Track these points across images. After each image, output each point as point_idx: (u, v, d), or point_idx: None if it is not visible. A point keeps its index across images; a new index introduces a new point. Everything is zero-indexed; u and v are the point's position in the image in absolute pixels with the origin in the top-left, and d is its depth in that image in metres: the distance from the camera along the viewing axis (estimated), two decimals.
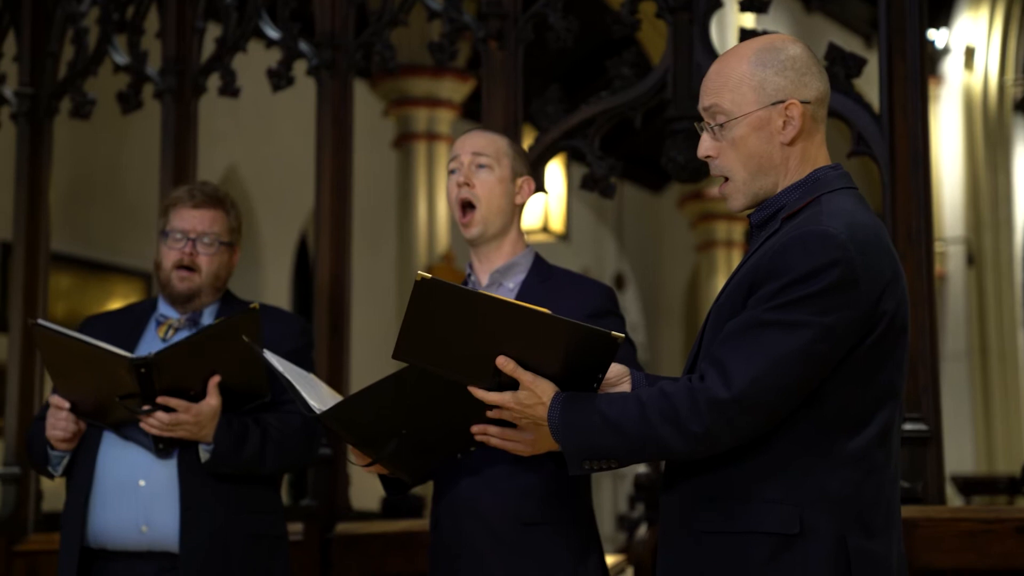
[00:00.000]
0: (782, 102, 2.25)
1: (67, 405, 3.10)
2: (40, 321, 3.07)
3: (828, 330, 2.12)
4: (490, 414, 2.34)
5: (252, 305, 3.05)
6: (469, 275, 3.03)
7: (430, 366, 2.33)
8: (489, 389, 2.29)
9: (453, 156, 2.99)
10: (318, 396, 2.74)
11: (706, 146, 2.30)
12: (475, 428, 2.44)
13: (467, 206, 2.95)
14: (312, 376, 2.92)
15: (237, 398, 3.10)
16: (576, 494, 2.86)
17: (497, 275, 2.97)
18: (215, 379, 3.04)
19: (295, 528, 4.40)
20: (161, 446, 3.09)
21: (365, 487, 4.36)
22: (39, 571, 4.79)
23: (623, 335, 2.24)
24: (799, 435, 2.16)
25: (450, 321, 2.24)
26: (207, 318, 3.30)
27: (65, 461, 3.19)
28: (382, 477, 2.87)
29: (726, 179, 2.30)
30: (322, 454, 4.48)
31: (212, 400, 3.04)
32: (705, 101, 2.29)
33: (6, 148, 5.36)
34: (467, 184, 2.94)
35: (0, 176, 6.11)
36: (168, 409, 3.01)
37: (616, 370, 2.33)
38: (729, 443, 2.15)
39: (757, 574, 2.14)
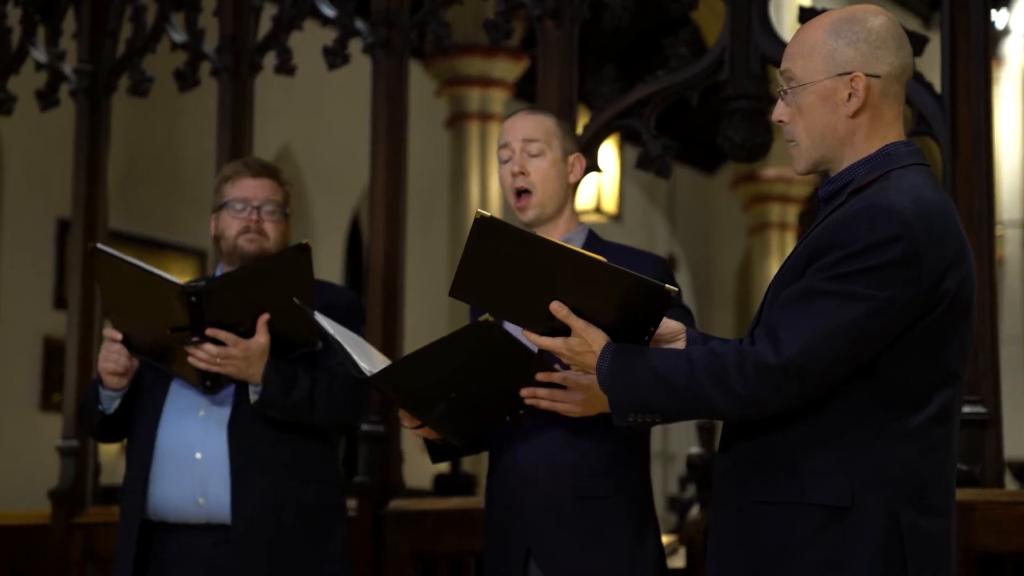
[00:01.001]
0: (848, 74, 2.23)
1: (120, 337, 3.12)
2: (100, 245, 3.09)
3: (884, 304, 2.10)
4: (542, 344, 2.33)
5: (304, 241, 3.06)
6: None
7: (485, 306, 2.35)
8: (542, 334, 2.31)
9: (503, 143, 2.99)
10: (369, 359, 2.76)
11: (779, 111, 2.30)
12: (525, 391, 2.45)
13: (522, 192, 2.96)
14: (363, 340, 2.93)
15: (286, 345, 3.11)
16: (632, 468, 2.86)
17: None
18: (264, 317, 3.06)
19: (349, 504, 4.42)
20: (208, 383, 3.11)
21: (418, 465, 4.38)
22: (96, 543, 4.85)
23: (676, 288, 2.26)
24: (854, 408, 2.16)
25: (507, 262, 2.25)
26: None
27: (117, 403, 3.20)
28: (428, 443, 2.88)
29: (791, 142, 2.30)
30: (375, 431, 4.51)
31: (261, 337, 3.05)
32: (783, 65, 2.30)
33: (65, 125, 5.40)
34: (522, 173, 2.94)
35: (59, 153, 6.17)
36: (217, 343, 3.02)
37: (672, 326, 2.36)
38: (774, 409, 2.15)
39: (804, 546, 2.13)
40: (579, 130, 4.37)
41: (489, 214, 2.23)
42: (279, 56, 4.95)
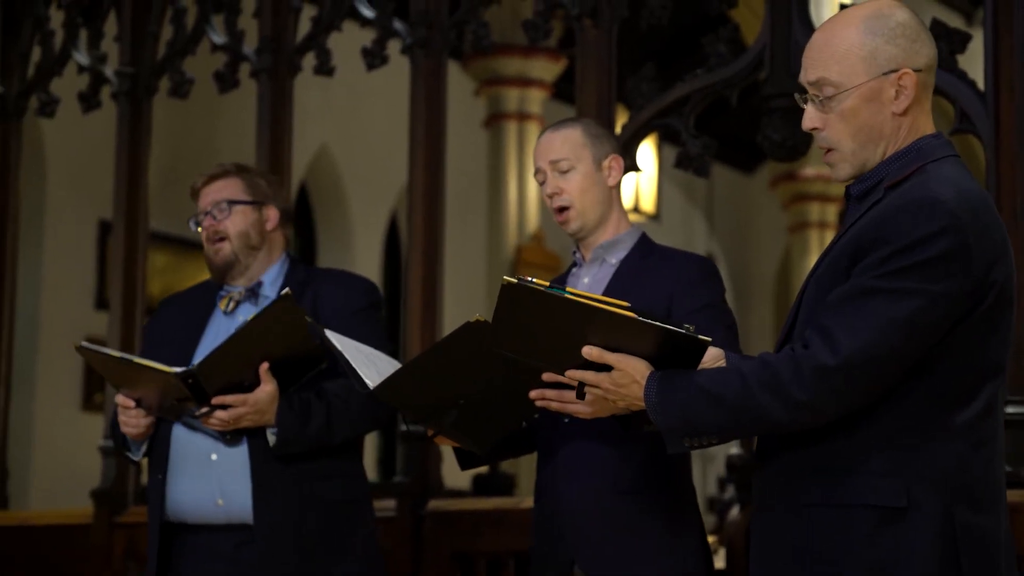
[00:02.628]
0: (895, 71, 2.19)
1: (132, 404, 3.12)
2: (84, 344, 3.11)
3: (937, 299, 2.07)
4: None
5: (284, 292, 3.01)
6: (574, 252, 3.03)
7: (520, 358, 2.34)
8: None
9: (536, 168, 3.00)
10: (376, 371, 2.75)
11: (811, 117, 2.24)
12: (533, 393, 2.44)
13: (562, 208, 2.96)
14: (374, 351, 2.92)
15: (294, 370, 3.10)
16: (673, 465, 2.85)
17: (600, 251, 2.97)
18: (264, 366, 3.04)
19: (388, 504, 4.44)
20: (228, 437, 3.11)
21: (456, 465, 4.38)
22: (139, 542, 4.87)
23: (710, 339, 2.22)
24: (906, 406, 2.13)
25: (537, 320, 2.25)
26: (268, 288, 3.29)
27: (144, 446, 3.22)
28: (455, 450, 2.88)
29: (828, 150, 2.25)
30: (414, 431, 4.51)
31: (267, 386, 3.04)
32: (811, 75, 2.22)
33: (107, 127, 5.44)
34: (557, 193, 2.94)
35: (100, 155, 6.21)
36: (226, 406, 3.03)
37: (712, 353, 2.30)
38: (834, 412, 2.12)
39: (862, 547, 2.11)
40: (617, 129, 4.36)
41: (516, 280, 2.22)
42: (318, 57, 4.96)
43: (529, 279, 2.30)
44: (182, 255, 8.80)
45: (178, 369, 3.00)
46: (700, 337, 2.20)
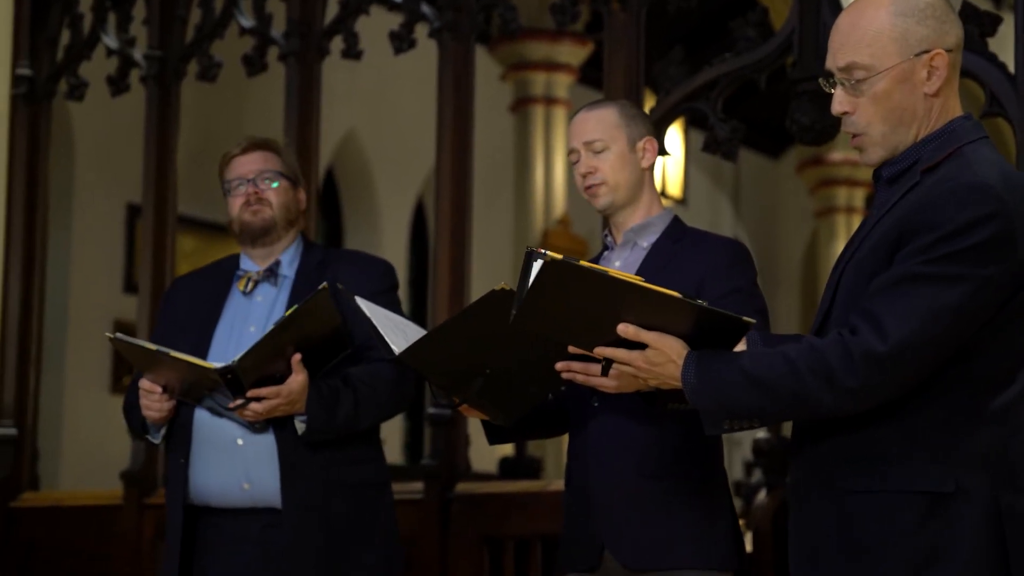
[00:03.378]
0: (926, 52, 2.17)
1: (159, 389, 3.12)
2: (118, 335, 3.10)
3: (985, 284, 2.07)
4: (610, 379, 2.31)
5: (321, 286, 3.02)
6: (605, 235, 3.03)
7: (546, 334, 2.34)
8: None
9: (569, 148, 2.99)
10: (404, 338, 2.75)
11: (841, 101, 2.21)
12: (559, 365, 2.43)
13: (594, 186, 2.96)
14: (405, 320, 2.93)
15: (322, 356, 3.11)
16: (705, 449, 2.84)
17: (631, 234, 2.96)
18: (297, 356, 3.04)
19: (415, 487, 4.46)
20: (258, 426, 3.13)
21: (483, 449, 4.39)
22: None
23: (754, 320, 2.21)
24: (949, 391, 2.12)
25: (572, 297, 2.23)
26: (286, 268, 3.29)
27: (164, 429, 3.22)
28: (484, 424, 2.88)
29: (856, 134, 2.23)
30: (441, 415, 4.53)
31: (299, 376, 3.05)
32: (840, 60, 2.20)
33: (135, 111, 5.46)
34: (590, 172, 2.94)
35: (129, 139, 6.24)
36: (259, 398, 3.04)
37: None
38: (881, 398, 2.10)
39: (908, 534, 2.10)
40: None
41: (559, 257, 2.19)
42: (346, 41, 4.97)
43: (566, 258, 2.31)
44: (210, 239, 8.83)
45: (218, 365, 3.01)
46: (744, 319, 2.20)
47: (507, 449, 7.87)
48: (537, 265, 2.42)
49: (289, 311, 3.01)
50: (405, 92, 9.42)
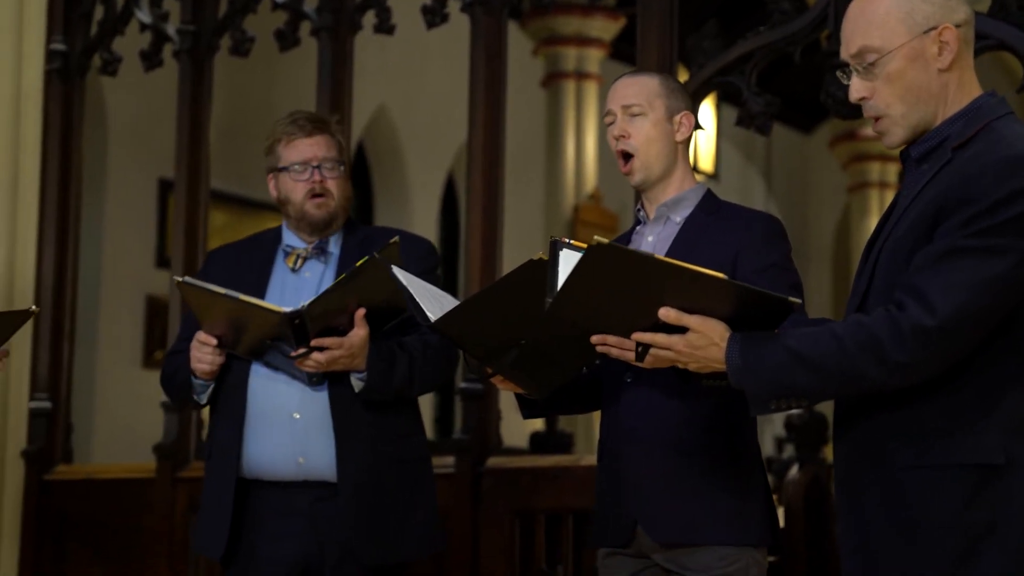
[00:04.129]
0: (934, 28, 2.21)
1: (214, 341, 3.14)
2: (186, 278, 3.10)
3: None
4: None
5: (392, 240, 3.05)
6: (638, 210, 3.01)
7: (582, 322, 2.34)
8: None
9: (606, 110, 2.98)
10: (440, 307, 2.76)
11: (858, 88, 2.26)
12: (594, 338, 2.43)
13: (626, 156, 2.94)
14: (441, 292, 2.93)
15: (379, 318, 3.13)
16: (738, 426, 2.83)
17: (664, 209, 2.94)
18: (361, 311, 3.07)
19: (447, 461, 4.47)
20: (315, 379, 3.15)
21: (515, 423, 4.40)
22: (200, 496, 4.92)
23: (800, 300, 2.22)
24: (995, 362, 2.14)
25: (616, 283, 2.22)
26: (333, 246, 3.32)
27: (210, 389, 3.24)
28: (518, 397, 2.89)
29: (877, 118, 2.26)
30: (473, 389, 4.54)
31: (361, 331, 3.08)
32: (851, 47, 2.25)
33: (168, 86, 5.47)
34: (623, 136, 2.92)
35: (162, 113, 6.25)
36: (322, 348, 3.06)
37: None
38: (931, 372, 2.12)
39: (961, 507, 2.11)
40: None
41: (607, 241, 2.19)
42: (378, 15, 4.96)
43: (568, 240, 2.32)
44: (241, 213, 8.87)
45: (287, 309, 3.02)
46: (790, 299, 2.20)
47: (538, 424, 7.88)
48: (565, 254, 2.42)
49: (360, 262, 3.01)
50: (435, 67, 9.42)
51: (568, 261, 2.47)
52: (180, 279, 3.10)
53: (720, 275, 2.20)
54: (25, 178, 5.59)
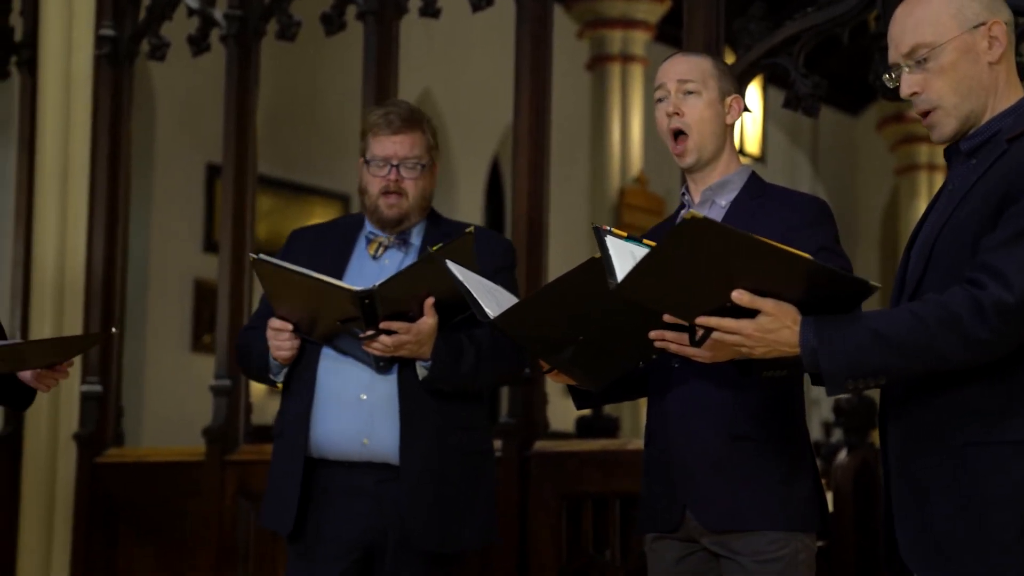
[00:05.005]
0: (983, 24, 2.30)
1: (290, 327, 3.18)
2: (261, 256, 3.12)
3: None
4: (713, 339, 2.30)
5: (468, 229, 3.07)
6: (683, 193, 2.99)
7: (647, 303, 2.33)
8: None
9: (658, 84, 2.94)
10: (497, 304, 2.76)
11: (910, 83, 2.32)
12: (653, 334, 2.42)
13: (678, 134, 2.91)
14: (496, 286, 2.93)
15: (448, 310, 3.15)
16: (786, 411, 2.82)
17: (709, 192, 2.93)
18: (431, 300, 3.08)
19: (494, 445, 4.47)
20: (382, 364, 3.17)
21: (561, 408, 4.40)
22: (249, 480, 4.98)
23: (879, 285, 2.23)
24: None
25: (696, 261, 2.21)
26: (415, 237, 3.35)
27: (285, 370, 3.28)
28: (571, 389, 2.89)
29: (926, 113, 2.33)
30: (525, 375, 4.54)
31: (429, 319, 3.09)
32: (903, 47, 2.32)
33: (216, 70, 5.50)
34: (676, 113, 2.89)
35: (209, 98, 6.28)
36: (390, 332, 3.07)
37: None
38: (1010, 347, 2.16)
39: None
40: None
41: (702, 215, 2.18)
42: None
43: (608, 228, 2.33)
44: (287, 198, 8.91)
45: (358, 288, 3.04)
46: (871, 283, 2.21)
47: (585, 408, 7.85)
48: (612, 241, 2.42)
49: (434, 247, 3.02)
50: (480, 52, 9.40)
51: (617, 248, 2.47)
52: (255, 256, 3.12)
53: (807, 256, 2.21)
54: (75, 164, 5.64)
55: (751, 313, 2.23)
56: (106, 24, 5.65)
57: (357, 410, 3.18)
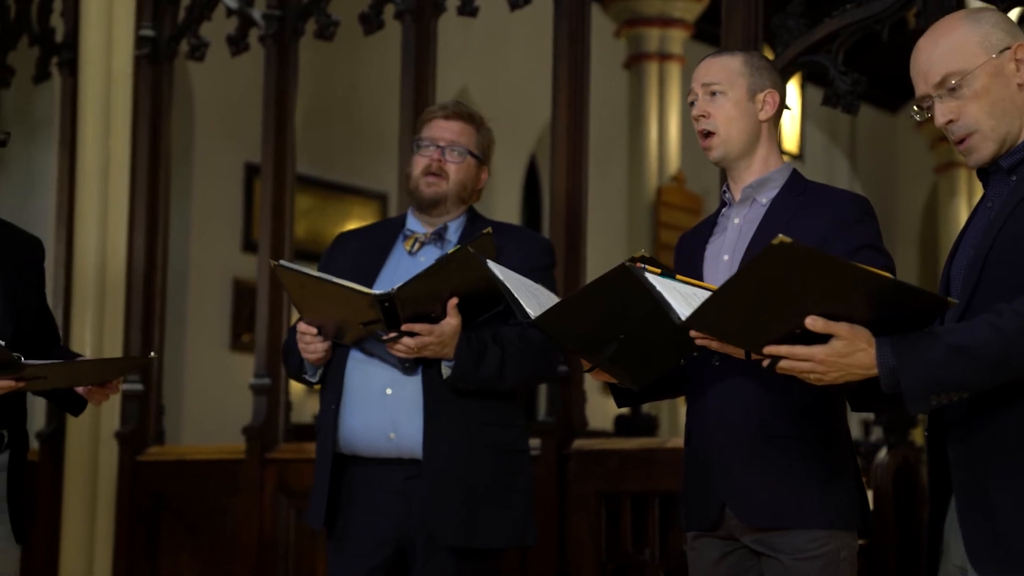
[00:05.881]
0: (1008, 48, 2.36)
1: (314, 331, 3.21)
2: (282, 262, 3.15)
3: None
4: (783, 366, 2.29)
5: (486, 230, 3.09)
6: (724, 191, 2.99)
7: (717, 335, 2.33)
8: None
9: (690, 90, 2.98)
10: (538, 303, 2.77)
11: (944, 111, 2.37)
12: (694, 332, 2.42)
13: (707, 135, 2.92)
14: (536, 285, 2.94)
15: (474, 309, 3.16)
16: (826, 409, 2.80)
17: (750, 190, 2.92)
18: (454, 301, 3.10)
19: (532, 443, 4.46)
20: (407, 364, 3.19)
21: (599, 406, 4.40)
22: (289, 478, 5.00)
23: (955, 301, 2.23)
24: None
25: (776, 286, 2.18)
26: (452, 233, 3.37)
27: (321, 371, 3.32)
28: (612, 387, 2.89)
29: (963, 139, 2.37)
30: (559, 371, 4.54)
31: (452, 320, 3.11)
32: (932, 78, 2.38)
33: (254, 70, 5.52)
34: (703, 116, 2.91)
35: (249, 98, 6.31)
36: (412, 333, 3.09)
37: None
38: None
39: None
40: None
41: (790, 240, 2.13)
42: None
43: (640, 264, 2.36)
44: (325, 197, 8.93)
45: (378, 291, 3.07)
46: (949, 300, 2.21)
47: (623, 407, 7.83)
48: (653, 278, 2.41)
49: (452, 250, 3.05)
50: (517, 50, 9.40)
51: (664, 286, 2.46)
52: (275, 262, 3.16)
53: (890, 276, 2.20)
54: (116, 164, 5.68)
55: (821, 338, 2.22)
56: (146, 25, 5.68)
57: (382, 405, 3.21)
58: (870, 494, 4.28)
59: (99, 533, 5.54)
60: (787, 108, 4.11)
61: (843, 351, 2.22)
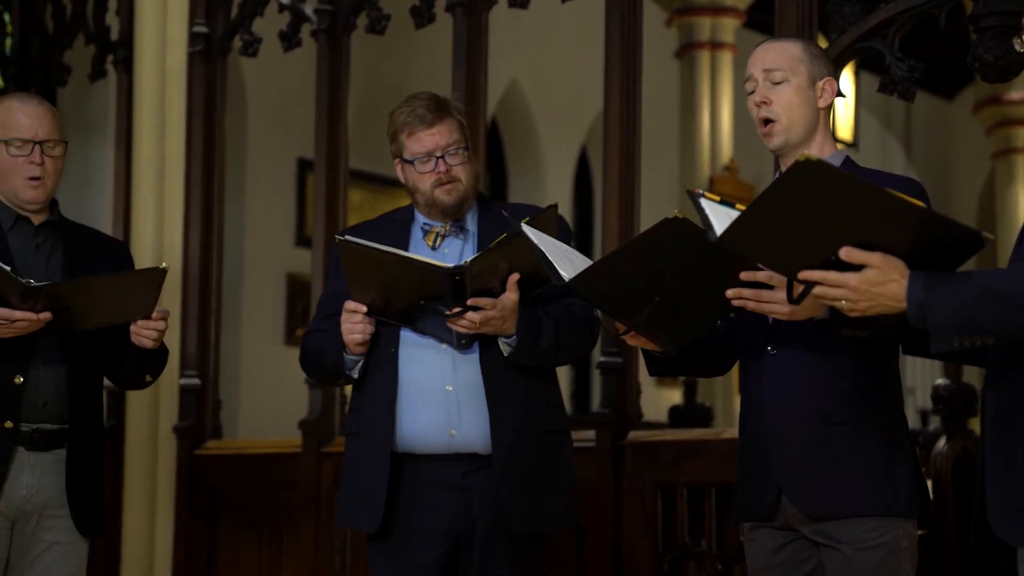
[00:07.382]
0: None
1: (364, 309, 3.17)
2: (348, 237, 3.12)
3: None
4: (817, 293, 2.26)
5: (551, 204, 3.08)
6: (776, 176, 2.97)
7: (751, 254, 2.30)
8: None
9: (747, 76, 2.93)
10: (572, 266, 2.76)
11: None
12: (730, 292, 2.41)
13: (767, 122, 2.89)
14: (570, 248, 2.93)
15: (526, 285, 3.15)
16: (882, 395, 2.78)
17: None
18: (515, 276, 3.10)
19: (587, 435, 4.47)
20: (463, 341, 3.18)
21: (653, 398, 4.38)
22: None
23: (992, 236, 2.19)
24: None
25: (808, 207, 2.17)
26: (469, 223, 3.34)
27: (361, 364, 3.27)
28: (645, 354, 2.88)
29: None
30: (613, 363, 4.53)
31: (513, 294, 3.11)
32: None
33: (307, 65, 5.54)
34: (764, 103, 2.88)
35: (302, 93, 6.34)
36: (475, 308, 3.09)
37: None
38: None
39: None
40: None
41: (816, 157, 2.13)
42: None
43: (702, 191, 2.31)
44: (378, 191, 8.95)
45: (450, 264, 3.07)
46: (984, 234, 2.17)
47: (677, 397, 7.82)
48: (708, 203, 2.39)
49: (524, 220, 3.01)
50: (567, 41, 9.38)
51: (712, 209, 2.45)
52: (340, 237, 3.13)
53: (922, 204, 2.16)
54: (171, 160, 5.73)
55: (854, 267, 2.19)
56: (199, 21, 5.72)
57: (444, 402, 3.19)
58: (929, 483, 4.24)
59: (159, 527, 5.59)
60: (841, 95, 4.08)
61: (876, 279, 2.19)
